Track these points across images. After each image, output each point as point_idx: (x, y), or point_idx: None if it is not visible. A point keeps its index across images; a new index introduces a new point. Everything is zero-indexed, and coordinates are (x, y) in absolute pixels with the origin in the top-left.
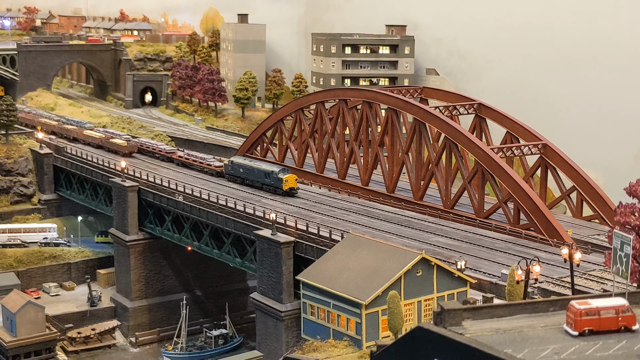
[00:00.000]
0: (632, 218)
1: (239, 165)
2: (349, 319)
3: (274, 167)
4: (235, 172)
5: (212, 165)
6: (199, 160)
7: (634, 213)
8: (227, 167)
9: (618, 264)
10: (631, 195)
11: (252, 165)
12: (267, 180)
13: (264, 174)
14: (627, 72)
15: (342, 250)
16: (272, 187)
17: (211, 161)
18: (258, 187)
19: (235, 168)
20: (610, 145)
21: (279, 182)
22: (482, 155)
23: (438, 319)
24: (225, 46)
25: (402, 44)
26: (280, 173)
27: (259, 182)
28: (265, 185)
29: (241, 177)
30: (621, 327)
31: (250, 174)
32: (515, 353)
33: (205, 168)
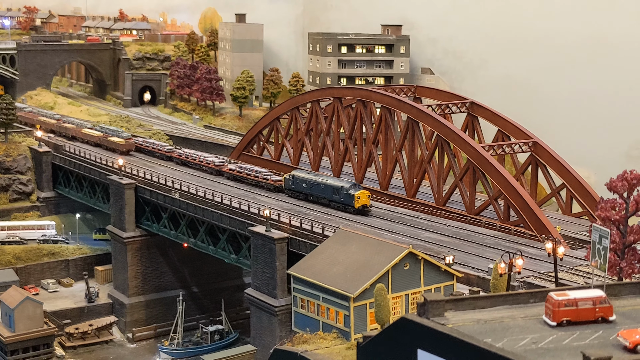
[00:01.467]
0: (612, 213)
1: (302, 180)
2: (338, 311)
3: (344, 182)
4: (297, 187)
5: (270, 179)
6: (253, 174)
7: (614, 208)
8: (287, 182)
9: (597, 257)
10: (611, 191)
11: (318, 180)
12: (335, 197)
13: (332, 189)
14: (619, 71)
15: (332, 245)
16: (341, 205)
17: (267, 175)
18: (324, 204)
19: (298, 183)
20: (602, 144)
21: (350, 199)
22: (473, 153)
23: (421, 310)
24: (223, 45)
25: (398, 44)
26: (352, 189)
27: (326, 199)
28: (333, 202)
29: (304, 193)
30: (598, 317)
31: (316, 190)
32: (494, 342)
33: (261, 182)
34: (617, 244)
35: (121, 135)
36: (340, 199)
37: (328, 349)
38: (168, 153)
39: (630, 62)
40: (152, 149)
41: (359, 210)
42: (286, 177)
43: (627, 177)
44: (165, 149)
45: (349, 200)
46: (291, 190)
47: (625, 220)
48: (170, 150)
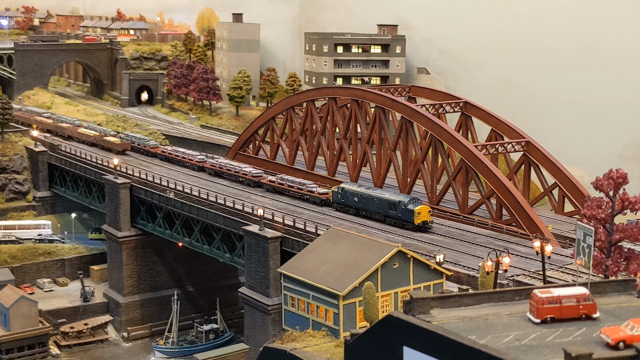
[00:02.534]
0: (599, 211)
1: (353, 193)
2: (327, 309)
3: (401, 196)
4: (347, 200)
5: (315, 192)
6: (296, 186)
7: (600, 206)
8: (335, 195)
9: (582, 255)
10: (598, 189)
11: (372, 193)
12: (392, 212)
13: (388, 204)
14: (613, 72)
15: (323, 243)
16: (399, 221)
17: (312, 187)
18: (378, 219)
19: (348, 196)
20: (596, 144)
21: (409, 214)
22: (466, 153)
23: (407, 307)
24: (220, 45)
25: (394, 44)
26: (411, 204)
27: (380, 214)
28: (389, 218)
29: (355, 207)
30: (582, 315)
31: (369, 204)
32: (478, 339)
33: (305, 195)
34: (603, 242)
35: (148, 144)
36: (398, 215)
37: (317, 346)
38: (200, 163)
39: (623, 63)
40: (182, 159)
41: (419, 227)
42: (334, 189)
43: (613, 175)
44: (197, 158)
45: (408, 216)
46: (340, 204)
47: (611, 219)
48: (202, 160)
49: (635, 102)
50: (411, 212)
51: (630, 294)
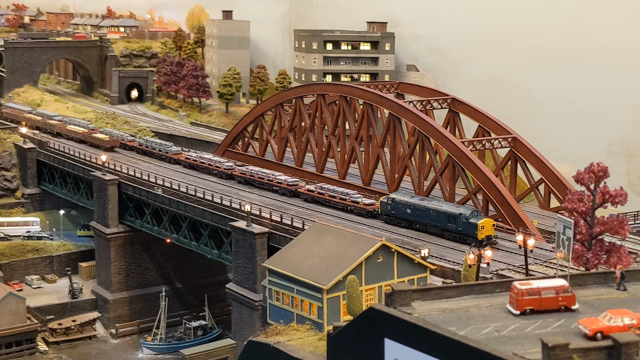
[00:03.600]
0: (579, 204)
1: (405, 204)
2: (312, 303)
3: (461, 208)
4: (398, 212)
5: (360, 202)
6: (339, 196)
7: (581, 200)
8: (384, 206)
9: (561, 247)
10: (579, 183)
11: (427, 205)
12: (451, 226)
13: (446, 217)
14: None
15: (308, 238)
16: (459, 235)
17: (357, 197)
18: (434, 233)
19: (399, 208)
20: (584, 140)
21: (471, 228)
22: (452, 149)
23: (389, 300)
24: (209, 42)
25: (383, 41)
26: (473, 217)
27: (438, 227)
28: (448, 232)
29: (408, 220)
30: (561, 306)
31: (424, 217)
32: (458, 330)
33: (349, 206)
34: (583, 235)
35: (169, 149)
36: (458, 229)
37: (301, 340)
38: (228, 170)
39: (611, 60)
40: (209, 166)
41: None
42: (383, 200)
43: (594, 169)
44: (225, 165)
45: (470, 230)
46: (390, 216)
47: (592, 212)
48: (230, 168)
49: (622, 98)
50: (474, 226)
51: (609, 286)
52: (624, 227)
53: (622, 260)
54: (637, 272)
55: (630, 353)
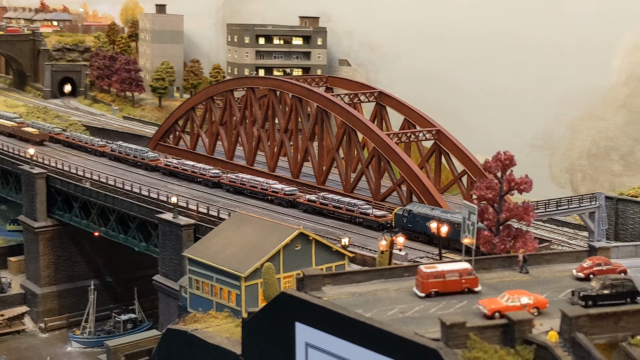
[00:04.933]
0: (487, 192)
1: (424, 217)
2: (230, 291)
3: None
4: (416, 225)
5: (371, 214)
6: (345, 207)
7: (489, 187)
8: (399, 219)
9: (467, 233)
10: (487, 171)
11: (450, 218)
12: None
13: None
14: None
15: (228, 227)
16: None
17: (366, 208)
18: (458, 249)
19: (417, 221)
20: (508, 133)
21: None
22: (378, 141)
23: (300, 284)
24: (143, 36)
25: (315, 35)
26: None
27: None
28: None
29: (427, 234)
30: (465, 288)
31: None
32: (365, 312)
33: (357, 218)
34: (491, 222)
35: (146, 156)
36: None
37: (218, 327)
38: (214, 178)
39: (534, 56)
40: (192, 173)
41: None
42: (398, 212)
43: (501, 157)
44: (210, 173)
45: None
46: (407, 229)
47: (499, 199)
48: (216, 175)
49: (544, 93)
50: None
51: (513, 269)
52: (529, 213)
53: (527, 245)
54: (539, 256)
55: (524, 330)
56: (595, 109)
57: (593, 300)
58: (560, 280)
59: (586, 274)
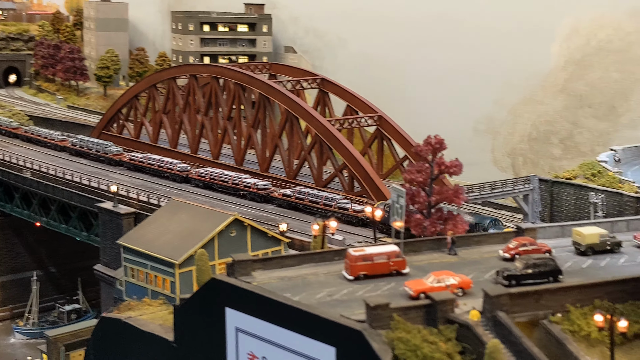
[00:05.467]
0: (417, 175)
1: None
2: (165, 278)
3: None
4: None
5: (350, 209)
6: (322, 202)
7: (420, 171)
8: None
9: (396, 216)
10: (417, 155)
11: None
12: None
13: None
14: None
15: (163, 214)
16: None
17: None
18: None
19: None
20: (452, 119)
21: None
22: (320, 128)
23: (230, 270)
24: (88, 25)
25: (260, 22)
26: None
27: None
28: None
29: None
30: (393, 270)
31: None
32: (293, 296)
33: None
34: (421, 205)
35: (110, 150)
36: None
37: (152, 314)
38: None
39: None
40: (159, 168)
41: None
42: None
43: (431, 141)
44: (178, 167)
45: None
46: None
47: (430, 182)
48: (184, 170)
49: (486, 78)
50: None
51: (442, 251)
52: (458, 196)
53: (457, 228)
54: (468, 237)
55: (446, 310)
56: (535, 93)
57: (516, 279)
58: (487, 261)
59: (512, 255)
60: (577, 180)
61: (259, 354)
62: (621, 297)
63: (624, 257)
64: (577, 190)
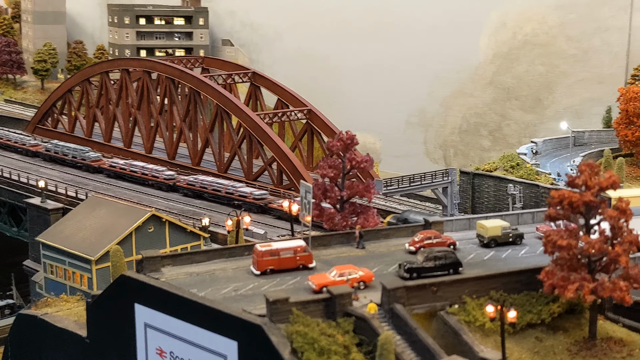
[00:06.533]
0: (329, 170)
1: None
2: (82, 275)
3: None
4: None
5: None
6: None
7: (332, 166)
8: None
9: (304, 211)
10: (329, 151)
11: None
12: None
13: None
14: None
15: (82, 210)
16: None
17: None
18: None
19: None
20: (385, 112)
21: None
22: (249, 122)
23: (139, 266)
24: (25, 17)
25: (197, 15)
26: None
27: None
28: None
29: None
30: (300, 265)
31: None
32: (199, 292)
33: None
34: (332, 199)
35: (88, 156)
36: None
37: (69, 310)
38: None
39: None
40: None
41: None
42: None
43: (343, 137)
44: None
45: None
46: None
47: (342, 177)
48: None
49: (418, 71)
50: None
51: (351, 245)
52: (369, 190)
53: (368, 221)
54: (377, 231)
55: (344, 303)
56: (465, 86)
57: (417, 272)
58: (393, 254)
59: (417, 248)
60: (497, 173)
61: (167, 349)
62: (517, 287)
63: (525, 248)
64: (497, 182)
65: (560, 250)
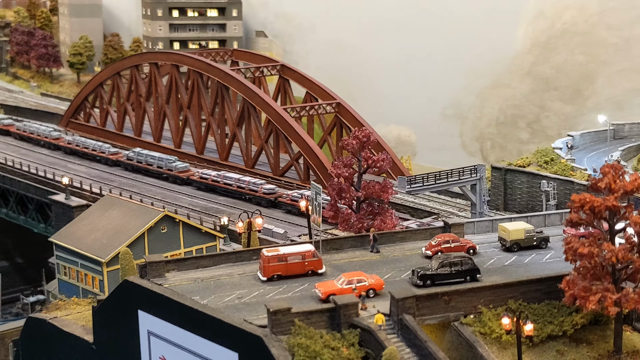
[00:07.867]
0: (344, 170)
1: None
2: (94, 277)
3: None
4: None
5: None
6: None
7: (347, 165)
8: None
9: (315, 213)
10: (344, 149)
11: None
12: None
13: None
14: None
15: (95, 211)
16: None
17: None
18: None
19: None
20: (421, 104)
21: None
22: (275, 116)
23: (143, 271)
24: (62, 10)
25: (230, 7)
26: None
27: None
28: None
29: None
30: (308, 271)
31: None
32: (202, 299)
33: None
34: (348, 200)
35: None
36: None
37: (79, 314)
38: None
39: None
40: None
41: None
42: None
43: (358, 135)
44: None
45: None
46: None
47: (359, 177)
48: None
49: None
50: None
51: (365, 248)
52: (387, 191)
53: (385, 223)
54: (393, 234)
55: (349, 314)
56: (502, 77)
57: (431, 279)
58: (408, 259)
59: (434, 252)
60: (530, 168)
61: (170, 357)
62: (537, 296)
63: (550, 252)
64: (530, 178)
65: (582, 259)
